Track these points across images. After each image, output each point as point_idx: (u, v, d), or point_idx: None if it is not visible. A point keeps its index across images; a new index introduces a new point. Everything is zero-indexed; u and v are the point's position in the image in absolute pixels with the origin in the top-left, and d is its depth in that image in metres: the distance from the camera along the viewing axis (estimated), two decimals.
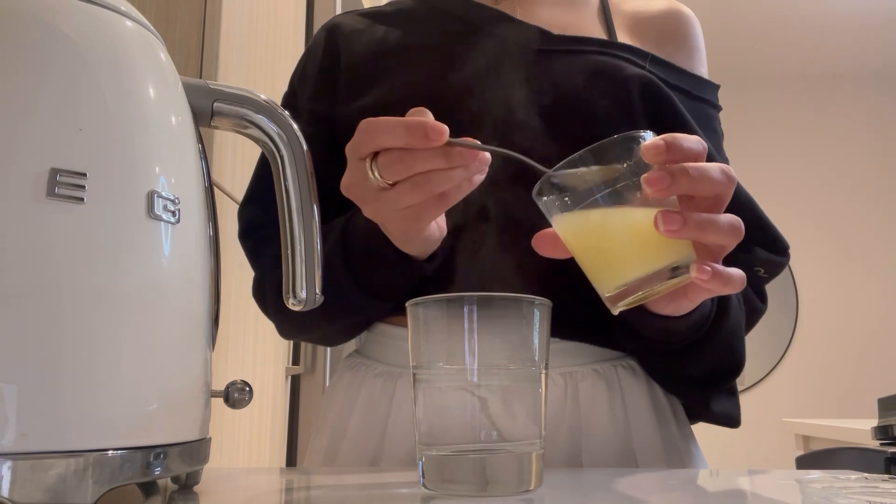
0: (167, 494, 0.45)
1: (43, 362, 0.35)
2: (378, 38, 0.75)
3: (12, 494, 0.33)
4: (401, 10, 0.79)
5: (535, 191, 0.49)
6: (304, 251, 0.48)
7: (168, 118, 0.43)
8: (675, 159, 0.45)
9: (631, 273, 0.47)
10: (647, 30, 0.78)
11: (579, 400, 0.65)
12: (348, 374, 0.74)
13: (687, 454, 0.70)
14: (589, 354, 0.67)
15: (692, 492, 0.52)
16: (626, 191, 0.46)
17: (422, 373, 0.45)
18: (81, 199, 0.37)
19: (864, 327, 4.12)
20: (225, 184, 1.21)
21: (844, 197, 4.23)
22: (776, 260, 0.71)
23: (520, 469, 0.43)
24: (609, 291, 0.48)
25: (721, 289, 0.48)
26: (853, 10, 3.66)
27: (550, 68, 0.69)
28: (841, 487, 0.46)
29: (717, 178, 0.47)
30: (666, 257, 0.46)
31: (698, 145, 0.47)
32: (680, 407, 0.72)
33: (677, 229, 0.45)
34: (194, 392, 0.43)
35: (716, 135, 0.76)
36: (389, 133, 0.49)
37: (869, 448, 1.91)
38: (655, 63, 0.72)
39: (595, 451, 0.64)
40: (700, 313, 0.59)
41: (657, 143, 0.45)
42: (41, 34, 0.38)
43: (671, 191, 0.45)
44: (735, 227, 0.48)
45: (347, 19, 0.80)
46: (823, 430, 2.46)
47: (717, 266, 0.47)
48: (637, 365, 0.69)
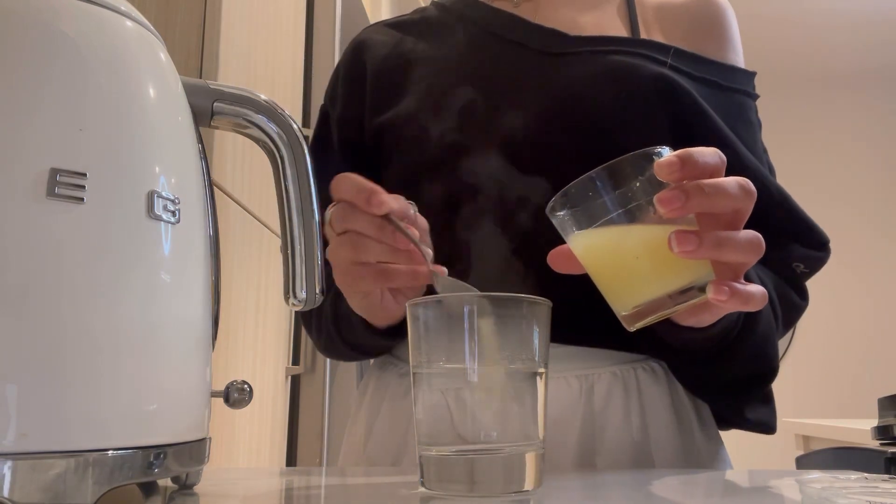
0: (167, 494, 0.45)
1: (43, 362, 0.35)
2: (404, 50, 0.77)
3: (12, 494, 0.33)
4: (424, 18, 0.81)
5: (549, 207, 0.48)
6: (304, 251, 0.48)
7: (168, 118, 0.43)
8: (692, 175, 0.44)
9: (647, 293, 0.46)
10: (676, 21, 0.75)
11: (594, 402, 0.64)
12: (377, 374, 0.76)
13: (711, 458, 0.68)
14: (608, 358, 0.66)
15: (692, 492, 0.52)
16: (641, 209, 0.45)
17: (422, 373, 0.45)
18: (81, 199, 0.37)
19: (864, 327, 4.12)
20: (225, 184, 1.21)
21: (844, 197, 4.22)
22: (815, 255, 0.69)
23: (519, 469, 0.43)
24: (625, 311, 0.47)
25: (741, 307, 0.47)
26: (853, 10, 3.66)
27: (566, 73, 0.69)
28: (841, 487, 0.46)
29: (733, 194, 0.45)
30: (683, 277, 0.45)
31: (715, 158, 0.46)
32: (707, 410, 0.70)
33: (693, 249, 0.43)
34: (194, 392, 0.43)
35: (751, 125, 0.73)
36: (345, 186, 0.53)
37: (869, 448, 1.91)
38: (679, 56, 0.70)
39: (610, 453, 0.63)
40: (725, 324, 0.57)
41: (671, 160, 0.44)
42: (41, 34, 0.38)
43: (685, 210, 0.44)
44: (754, 243, 0.47)
45: (373, 33, 0.82)
46: (823, 430, 2.46)
47: (736, 285, 0.45)
48: (658, 367, 0.67)
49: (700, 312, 0.51)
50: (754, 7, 3.57)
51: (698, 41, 0.74)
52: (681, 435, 0.66)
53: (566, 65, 0.70)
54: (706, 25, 0.75)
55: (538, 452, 0.44)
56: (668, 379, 0.67)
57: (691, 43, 0.73)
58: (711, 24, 0.75)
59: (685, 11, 0.76)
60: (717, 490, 0.54)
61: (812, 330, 4.14)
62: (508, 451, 0.43)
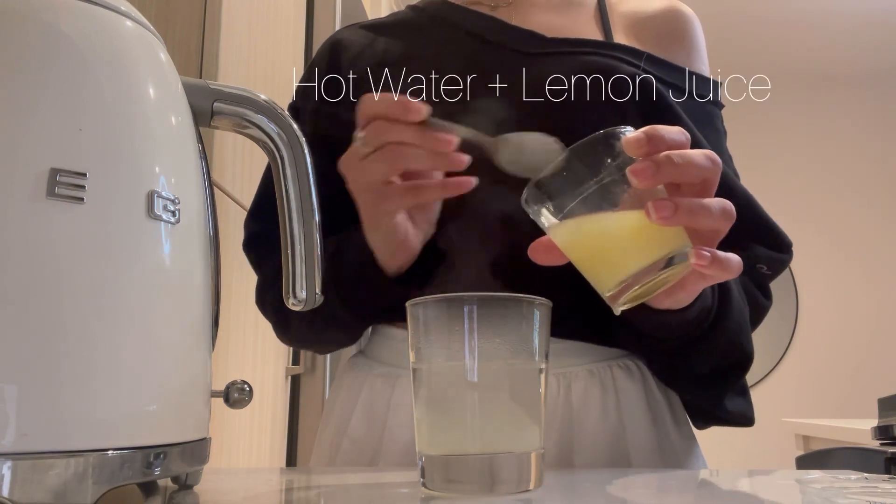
0: (167, 494, 0.45)
1: (43, 362, 0.35)
2: (380, 51, 0.77)
3: (12, 494, 0.33)
4: (401, 20, 0.81)
5: (522, 199, 0.49)
6: (304, 251, 0.48)
7: (168, 118, 0.43)
8: (658, 150, 0.46)
9: (629, 267, 0.47)
10: (646, 29, 0.78)
11: (572, 400, 0.65)
12: (350, 374, 0.75)
13: (685, 454, 0.69)
14: (584, 354, 0.67)
15: (692, 492, 0.52)
16: (614, 186, 0.46)
17: (422, 373, 0.45)
18: (81, 199, 0.37)
19: (865, 327, 4.11)
20: (225, 184, 1.21)
21: (844, 197, 4.22)
22: (777, 257, 0.71)
23: (520, 469, 0.43)
24: (609, 290, 0.48)
25: (720, 273, 0.48)
26: (853, 11, 3.65)
27: (544, 72, 0.69)
28: (841, 487, 0.46)
29: (701, 163, 0.47)
30: (662, 247, 0.46)
31: (680, 136, 0.48)
32: (679, 407, 0.71)
33: (669, 216, 0.45)
34: (194, 392, 0.43)
35: (717, 133, 0.75)
36: (378, 103, 0.55)
37: (869, 448, 1.91)
38: (651, 62, 0.72)
39: (587, 451, 0.64)
40: (701, 306, 0.59)
41: (638, 136, 0.46)
42: (41, 34, 0.38)
43: (657, 179, 0.45)
44: (726, 210, 0.48)
45: (349, 34, 0.81)
46: (823, 430, 2.46)
47: (715, 251, 0.47)
48: (633, 365, 0.68)
49: (676, 292, 0.52)
50: (755, 7, 3.57)
51: (667, 50, 0.76)
52: (656, 433, 0.67)
53: (543, 64, 0.70)
54: (675, 35, 0.78)
55: (539, 452, 0.44)
56: (643, 377, 0.68)
57: (661, 51, 0.75)
58: (680, 34, 0.78)
59: (654, 20, 0.78)
60: (717, 490, 0.54)
61: (812, 330, 4.14)
62: (520, 451, 0.43)
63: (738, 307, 0.64)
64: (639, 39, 0.77)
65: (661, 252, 0.46)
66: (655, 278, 0.47)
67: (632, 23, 0.78)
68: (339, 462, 0.71)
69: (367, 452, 0.69)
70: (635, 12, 0.79)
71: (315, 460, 0.75)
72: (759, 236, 0.70)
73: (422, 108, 0.54)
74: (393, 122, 0.55)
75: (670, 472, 0.61)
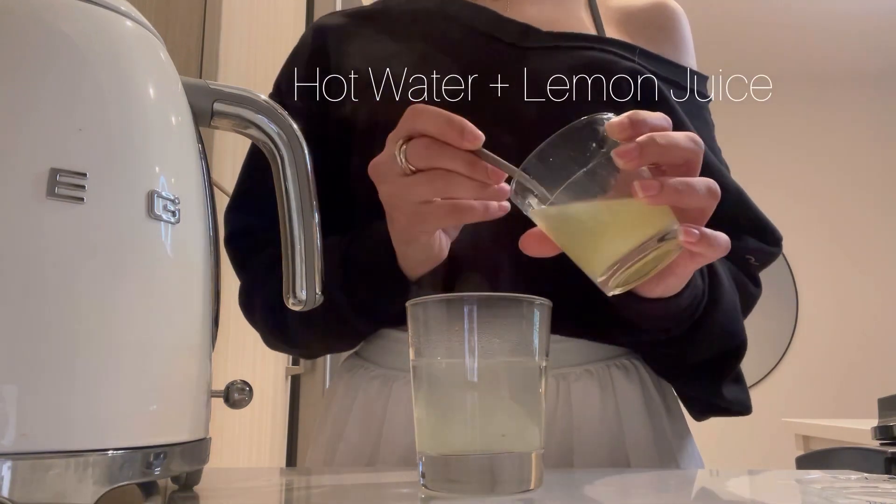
0: (167, 494, 0.45)
1: (43, 362, 0.35)
2: (367, 38, 0.75)
3: (12, 494, 0.33)
4: (389, 8, 0.79)
5: (510, 192, 0.49)
6: (304, 251, 0.48)
7: (168, 118, 0.43)
8: (641, 133, 0.46)
9: (619, 249, 0.47)
10: (635, 24, 0.78)
11: (571, 401, 0.65)
12: (346, 377, 0.74)
13: (681, 451, 0.69)
14: (582, 354, 0.67)
15: (692, 492, 0.52)
16: (600, 170, 0.46)
17: (422, 373, 0.45)
18: (81, 199, 0.37)
19: (865, 327, 4.11)
20: (225, 184, 1.21)
21: (845, 197, 4.22)
22: (767, 249, 0.71)
23: (520, 469, 0.43)
24: (601, 274, 0.48)
25: (709, 250, 0.49)
26: (853, 11, 3.65)
27: (540, 65, 0.69)
28: (841, 487, 0.47)
29: (684, 144, 0.48)
30: (650, 227, 0.47)
31: (662, 121, 0.48)
32: (675, 403, 0.72)
33: (656, 194, 0.45)
34: (194, 392, 0.43)
35: (707, 125, 0.76)
36: (430, 119, 0.50)
37: (869, 448, 1.90)
38: (644, 56, 0.73)
39: (587, 451, 0.64)
40: (692, 293, 0.59)
41: (622, 119, 0.46)
42: (41, 34, 0.38)
43: (641, 160, 0.46)
44: (711, 188, 0.49)
45: (334, 20, 0.79)
46: (823, 430, 2.46)
47: (703, 228, 0.48)
48: (630, 364, 0.69)
49: (666, 277, 0.52)
50: (755, 7, 3.58)
51: (657, 44, 0.77)
52: (652, 429, 0.67)
53: (540, 58, 0.70)
54: (665, 31, 0.79)
55: (539, 452, 0.44)
56: (639, 376, 0.69)
57: (651, 45, 0.76)
58: (669, 29, 0.79)
59: (643, 15, 0.79)
60: (717, 490, 0.54)
61: (812, 330, 4.14)
62: (520, 451, 0.43)
63: (729, 294, 0.65)
64: (628, 33, 0.77)
65: (650, 231, 0.47)
66: (645, 257, 0.47)
67: (620, 17, 0.79)
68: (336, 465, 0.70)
69: (364, 455, 0.68)
70: (623, 7, 0.80)
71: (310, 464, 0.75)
72: (749, 229, 0.71)
73: (479, 136, 0.49)
74: (443, 144, 0.50)
75: (670, 472, 0.61)
